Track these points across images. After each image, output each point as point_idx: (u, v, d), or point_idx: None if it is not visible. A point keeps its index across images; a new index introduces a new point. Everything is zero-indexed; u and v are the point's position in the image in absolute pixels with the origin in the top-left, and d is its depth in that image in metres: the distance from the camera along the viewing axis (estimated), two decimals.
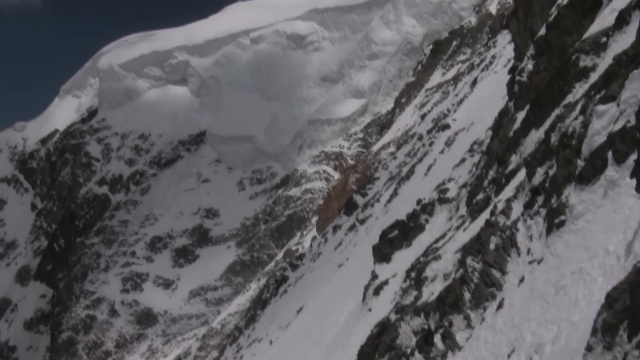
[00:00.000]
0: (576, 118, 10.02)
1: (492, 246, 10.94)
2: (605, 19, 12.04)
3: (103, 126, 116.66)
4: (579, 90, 11.69)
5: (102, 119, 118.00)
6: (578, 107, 10.50)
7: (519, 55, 20.02)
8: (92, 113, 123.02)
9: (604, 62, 10.91)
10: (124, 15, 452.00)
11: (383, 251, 23.07)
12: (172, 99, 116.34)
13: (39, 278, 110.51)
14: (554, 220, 9.31)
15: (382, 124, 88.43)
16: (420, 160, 38.96)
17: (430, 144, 40.19)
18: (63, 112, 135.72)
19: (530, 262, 9.79)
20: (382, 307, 18.48)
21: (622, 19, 10.58)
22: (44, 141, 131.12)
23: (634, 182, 6.72)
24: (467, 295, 11.17)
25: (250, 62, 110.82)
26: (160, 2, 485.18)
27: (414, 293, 15.13)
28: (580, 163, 9.12)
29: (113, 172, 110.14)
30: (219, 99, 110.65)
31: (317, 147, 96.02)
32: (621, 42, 10.28)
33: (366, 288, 21.42)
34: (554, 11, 15.94)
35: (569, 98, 11.92)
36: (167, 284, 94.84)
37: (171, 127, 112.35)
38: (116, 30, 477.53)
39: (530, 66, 16.89)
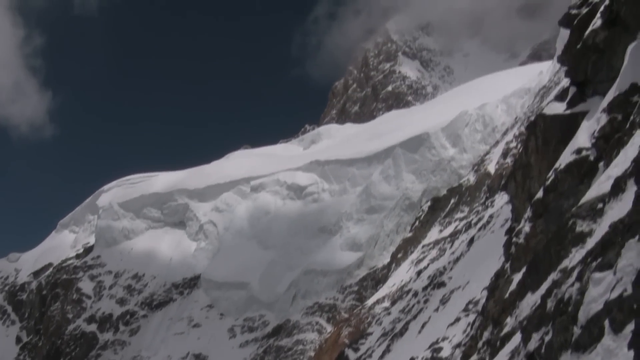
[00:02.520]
0: (573, 284, 9.93)
1: None
2: (601, 185, 12.17)
3: (97, 263, 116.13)
4: (576, 255, 11.66)
5: (97, 256, 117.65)
6: (575, 273, 10.43)
7: (516, 217, 20.16)
8: (87, 249, 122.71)
9: (601, 228, 10.93)
10: (128, 155, 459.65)
11: None
12: (169, 241, 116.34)
13: None
14: None
15: (378, 278, 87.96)
16: (415, 317, 38.58)
17: (425, 301, 39.91)
18: (59, 247, 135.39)
19: None
20: None
21: (618, 187, 10.68)
22: (36, 274, 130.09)
23: (631, 353, 6.57)
24: None
25: (249, 210, 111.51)
26: (165, 146, 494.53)
27: None
28: (577, 330, 8.96)
29: (103, 310, 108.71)
30: (215, 245, 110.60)
31: (311, 298, 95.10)
32: (617, 209, 10.33)
33: None
34: (551, 175, 16.16)
35: (566, 262, 11.88)
36: None
37: (166, 269, 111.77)
38: (119, 169, 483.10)
39: (527, 228, 16.96)
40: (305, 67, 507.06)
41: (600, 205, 11.61)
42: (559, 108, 18.06)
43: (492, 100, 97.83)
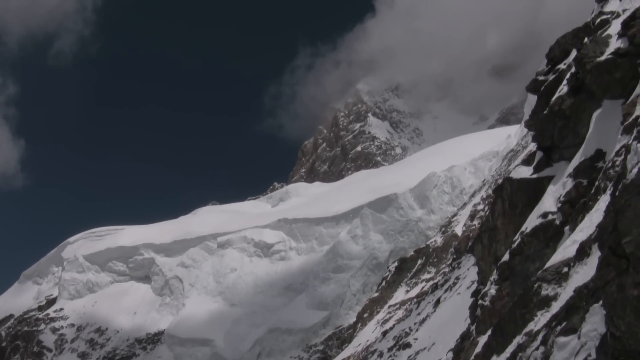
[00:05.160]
0: (537, 348, 9.95)
1: None
2: (566, 249, 12.28)
3: (60, 316, 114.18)
4: (541, 319, 11.70)
5: (60, 308, 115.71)
6: (539, 337, 10.46)
7: (482, 280, 20.21)
8: (50, 301, 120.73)
9: (566, 292, 11.00)
10: (95, 208, 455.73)
11: None
12: (134, 295, 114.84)
13: None
14: None
15: (343, 338, 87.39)
16: None
17: None
18: (21, 298, 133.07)
19: None
20: None
21: (583, 251, 10.78)
22: None
23: None
24: None
25: (216, 266, 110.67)
26: (132, 200, 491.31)
27: None
28: None
29: None
30: (180, 300, 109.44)
31: (276, 357, 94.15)
32: (582, 274, 10.42)
33: None
34: (517, 238, 16.28)
35: (531, 326, 11.90)
36: None
37: (130, 323, 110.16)
38: (85, 221, 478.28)
39: (493, 291, 17.00)
40: (278, 119, 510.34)
41: (565, 270, 11.71)
42: (526, 172, 18.30)
43: (460, 162, 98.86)
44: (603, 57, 14.18)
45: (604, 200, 11.94)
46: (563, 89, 16.77)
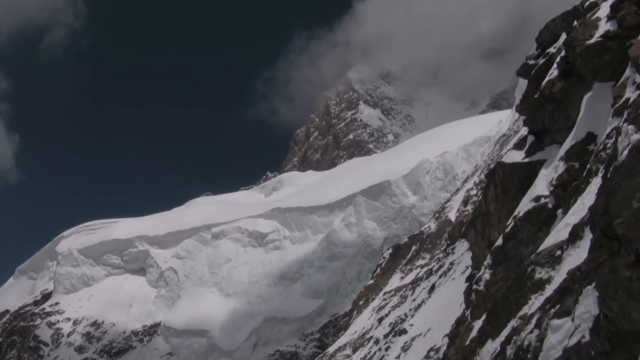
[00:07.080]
0: (532, 331, 9.99)
1: None
2: (559, 232, 12.32)
3: (56, 310, 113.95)
4: (535, 302, 11.74)
5: (56, 302, 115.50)
6: (534, 320, 10.50)
7: (476, 264, 20.27)
8: (46, 296, 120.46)
9: (559, 275, 11.04)
10: (88, 201, 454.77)
11: None
12: (129, 288, 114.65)
13: None
14: None
15: (339, 326, 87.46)
16: None
17: (387, 349, 39.75)
18: (16, 293, 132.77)
19: None
20: None
21: (576, 234, 10.82)
22: None
23: None
24: None
25: (210, 257, 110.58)
26: (126, 192, 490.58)
27: None
28: None
29: (61, 358, 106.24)
30: (176, 292, 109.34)
31: (272, 346, 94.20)
32: (575, 257, 10.45)
33: None
34: (510, 222, 16.33)
35: (525, 309, 11.95)
36: None
37: (125, 316, 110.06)
38: (79, 215, 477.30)
39: (487, 275, 17.05)
40: (271, 103, 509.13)
41: (558, 253, 11.75)
42: (518, 156, 18.33)
43: (452, 148, 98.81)
44: (592, 40, 14.20)
45: (595, 183, 11.98)
46: (553, 72, 16.80)
